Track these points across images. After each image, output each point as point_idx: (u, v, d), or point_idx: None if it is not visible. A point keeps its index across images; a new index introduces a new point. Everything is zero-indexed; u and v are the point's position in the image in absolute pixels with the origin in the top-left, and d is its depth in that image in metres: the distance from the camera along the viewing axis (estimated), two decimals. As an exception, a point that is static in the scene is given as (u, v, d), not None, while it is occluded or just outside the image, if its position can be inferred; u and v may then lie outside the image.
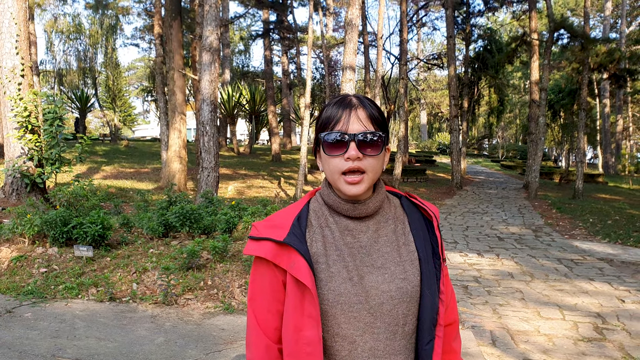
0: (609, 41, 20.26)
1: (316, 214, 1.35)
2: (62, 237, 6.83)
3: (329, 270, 1.27)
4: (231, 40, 40.35)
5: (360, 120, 1.27)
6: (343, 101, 1.31)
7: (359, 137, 1.26)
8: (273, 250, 1.27)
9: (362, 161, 1.26)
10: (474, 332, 4.95)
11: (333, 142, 1.27)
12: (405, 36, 20.00)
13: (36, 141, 9.36)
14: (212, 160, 10.60)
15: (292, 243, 1.26)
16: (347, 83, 11.97)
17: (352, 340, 1.26)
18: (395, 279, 1.28)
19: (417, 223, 1.38)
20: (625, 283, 6.86)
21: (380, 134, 1.29)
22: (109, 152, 24.02)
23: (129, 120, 47.59)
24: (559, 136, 30.19)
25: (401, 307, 1.27)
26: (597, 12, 41.56)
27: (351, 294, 1.25)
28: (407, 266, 1.31)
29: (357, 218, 1.33)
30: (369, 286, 1.26)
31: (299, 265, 1.24)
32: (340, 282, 1.25)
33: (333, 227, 1.32)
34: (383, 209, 1.37)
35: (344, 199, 1.32)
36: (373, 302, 1.25)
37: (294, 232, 1.28)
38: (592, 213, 13.47)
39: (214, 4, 10.48)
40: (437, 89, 48.40)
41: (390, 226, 1.36)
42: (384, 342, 1.27)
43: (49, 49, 37.52)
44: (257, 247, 1.29)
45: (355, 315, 1.25)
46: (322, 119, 1.32)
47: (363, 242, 1.31)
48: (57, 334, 4.63)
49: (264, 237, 1.29)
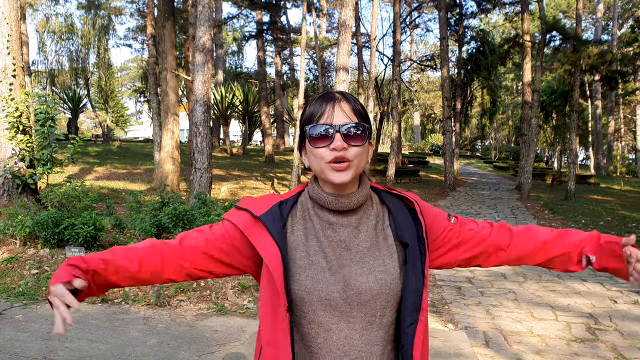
0: (601, 43, 20.34)
1: (302, 206, 1.39)
2: (54, 239, 6.78)
3: (308, 259, 1.30)
4: (224, 41, 40.29)
5: (344, 112, 1.30)
6: (326, 96, 1.34)
7: (344, 128, 1.28)
8: (247, 222, 1.34)
9: (347, 151, 1.28)
10: (468, 333, 4.95)
11: (318, 134, 1.30)
12: (398, 37, 20.05)
13: (28, 142, 9.29)
14: (205, 161, 10.57)
15: (264, 220, 1.31)
16: (340, 84, 11.97)
17: (328, 328, 1.28)
18: (374, 271, 1.30)
19: (398, 213, 1.39)
20: (618, 284, 6.90)
21: (364, 125, 1.32)
22: (101, 153, 23.91)
23: (121, 121, 47.39)
24: (551, 137, 30.34)
25: (380, 298, 1.29)
26: (589, 14, 41.83)
27: (329, 282, 1.27)
28: (387, 260, 1.33)
29: (339, 212, 1.35)
30: (348, 276, 1.28)
31: (265, 243, 1.30)
32: (319, 270, 1.28)
33: (315, 219, 1.36)
34: (366, 205, 1.39)
35: (328, 192, 1.35)
36: (351, 292, 1.27)
37: (272, 213, 1.34)
38: (584, 214, 13.54)
39: (207, 4, 10.46)
40: (430, 90, 48.55)
41: (372, 222, 1.38)
42: (360, 332, 1.28)
43: (41, 49, 37.36)
44: (235, 215, 1.37)
45: (332, 304, 1.27)
46: (307, 114, 1.35)
47: (343, 236, 1.34)
48: (49, 336, 4.59)
49: (244, 208, 1.36)
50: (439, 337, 4.76)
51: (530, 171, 18.37)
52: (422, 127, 57.40)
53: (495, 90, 30.39)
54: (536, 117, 18.47)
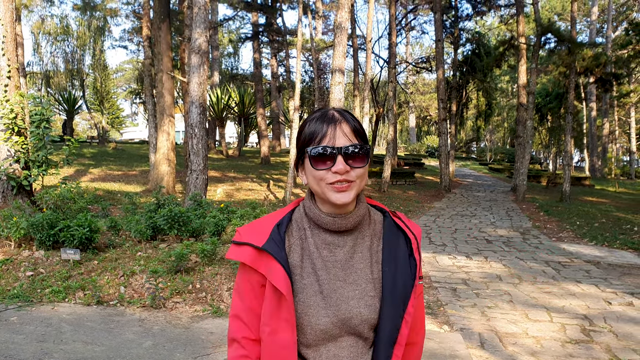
0: (596, 45, 20.44)
1: (297, 225, 1.38)
2: (49, 240, 6.77)
3: (302, 282, 1.31)
4: (220, 43, 40.28)
5: (345, 134, 1.30)
6: (325, 116, 1.33)
7: (346, 151, 1.28)
8: (252, 256, 1.31)
9: (349, 173, 1.29)
10: (463, 334, 4.96)
11: (320, 156, 1.29)
12: (394, 39, 20.08)
13: (23, 143, 9.27)
14: (201, 163, 10.55)
15: (270, 250, 1.30)
16: (336, 86, 11.99)
17: (316, 348, 1.30)
18: (365, 295, 1.31)
19: (392, 242, 1.38)
20: (612, 285, 6.92)
21: (366, 146, 1.32)
22: (96, 155, 23.85)
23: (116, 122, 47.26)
24: (546, 139, 30.41)
25: (368, 323, 1.31)
26: (584, 17, 42.03)
27: (320, 306, 1.28)
28: (377, 284, 1.34)
29: (336, 232, 1.35)
30: (340, 300, 1.30)
31: (275, 272, 1.28)
32: (310, 295, 1.29)
33: (310, 240, 1.35)
34: (362, 225, 1.39)
35: (326, 213, 1.34)
36: (342, 317, 1.29)
37: (274, 239, 1.32)
38: (579, 216, 13.59)
39: (203, 6, 10.45)
40: (425, 92, 48.60)
41: (367, 243, 1.38)
42: (348, 349, 1.30)
43: (36, 50, 37.26)
44: (238, 251, 1.34)
45: (322, 328, 1.28)
46: (306, 134, 1.33)
47: (339, 257, 1.34)
48: (44, 338, 4.58)
49: (244, 242, 1.33)
50: (434, 339, 4.77)
51: (526, 173, 18.43)
52: (418, 129, 57.46)
53: (491, 93, 30.43)
54: (531, 119, 18.53)
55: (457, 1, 25.97)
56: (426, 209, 15.27)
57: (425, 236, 10.67)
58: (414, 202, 16.50)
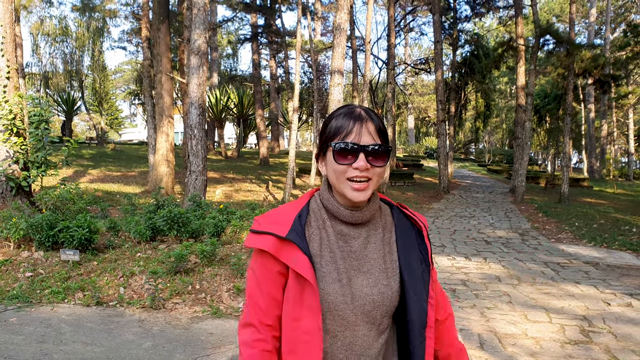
0: (594, 47, 20.49)
1: (315, 215, 1.43)
2: (48, 241, 6.76)
3: (321, 270, 1.35)
4: (219, 44, 40.28)
5: (370, 133, 1.36)
6: (353, 113, 1.38)
7: (369, 149, 1.34)
8: (275, 245, 1.34)
9: (369, 171, 1.34)
10: (462, 335, 4.97)
11: (344, 151, 1.34)
12: (392, 41, 20.10)
13: (22, 144, 9.27)
14: (200, 164, 10.56)
15: (294, 239, 1.33)
16: (335, 87, 11.99)
17: (334, 335, 1.36)
18: (379, 284, 1.38)
19: (405, 232, 1.47)
20: (611, 286, 6.93)
21: (388, 146, 1.37)
22: (95, 156, 23.83)
23: (115, 123, 47.23)
24: (545, 141, 30.42)
25: (381, 309, 1.37)
26: (582, 19, 42.08)
27: (338, 294, 1.34)
28: (390, 273, 1.40)
29: (351, 224, 1.41)
30: (355, 288, 1.35)
31: (301, 261, 1.32)
32: (329, 282, 1.34)
33: (329, 230, 1.40)
34: (375, 217, 1.46)
35: (343, 206, 1.40)
36: (357, 303, 1.35)
37: (295, 229, 1.36)
38: (577, 217, 13.60)
39: (203, 7, 10.46)
40: (424, 94, 48.64)
41: (380, 234, 1.44)
42: (362, 338, 1.37)
43: (35, 51, 37.21)
44: (259, 240, 1.37)
45: (340, 314, 1.34)
46: (332, 128, 1.39)
47: (354, 247, 1.40)
48: (43, 339, 4.58)
49: (266, 232, 1.36)
50: (434, 340, 4.77)
51: (524, 174, 18.45)
52: (417, 130, 57.52)
53: (489, 94, 30.48)
54: (530, 121, 18.56)
55: (456, 3, 26.00)
56: (425, 210, 15.28)
57: (424, 237, 10.66)
58: (412, 203, 16.51)
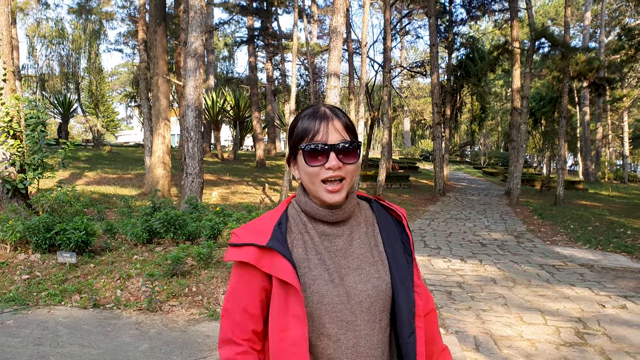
0: (589, 50, 20.57)
1: (295, 221, 1.41)
2: (45, 244, 6.77)
3: (311, 274, 1.33)
4: (215, 47, 40.28)
5: (337, 130, 1.34)
6: (318, 112, 1.37)
7: (339, 147, 1.33)
8: (256, 255, 1.32)
9: (341, 169, 1.33)
10: (458, 337, 4.99)
11: (314, 152, 1.33)
12: (389, 44, 20.15)
13: (18, 146, 9.26)
14: (197, 166, 10.57)
15: (275, 247, 1.31)
16: (331, 90, 12.03)
17: (337, 339, 1.32)
18: (371, 278, 1.36)
19: (386, 224, 1.46)
20: (606, 288, 6.98)
21: (357, 142, 1.36)
22: (91, 158, 23.80)
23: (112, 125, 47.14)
24: (540, 143, 30.56)
25: (377, 304, 1.35)
26: (577, 22, 42.29)
27: (333, 294, 1.31)
28: (379, 266, 1.39)
29: (333, 223, 1.40)
30: (349, 286, 1.34)
31: (283, 267, 1.29)
32: (322, 284, 1.32)
33: (312, 232, 1.39)
34: (355, 213, 1.45)
35: (322, 206, 1.39)
36: (353, 301, 1.33)
37: (276, 237, 1.33)
38: (572, 219, 13.66)
39: (199, 10, 10.48)
40: (420, 97, 48.77)
41: (363, 229, 1.44)
42: (365, 339, 1.34)
43: (31, 53, 37.13)
44: (239, 252, 1.34)
45: (338, 315, 1.31)
46: (299, 131, 1.37)
47: (339, 245, 1.39)
48: (40, 341, 4.58)
49: (246, 243, 1.33)
50: (429, 342, 4.79)
51: (520, 177, 18.52)
52: (413, 132, 57.66)
53: (485, 97, 30.59)
54: (525, 123, 18.63)
55: (452, 6, 26.11)
56: (421, 213, 15.32)
57: (420, 239, 10.71)
58: (408, 206, 16.54)
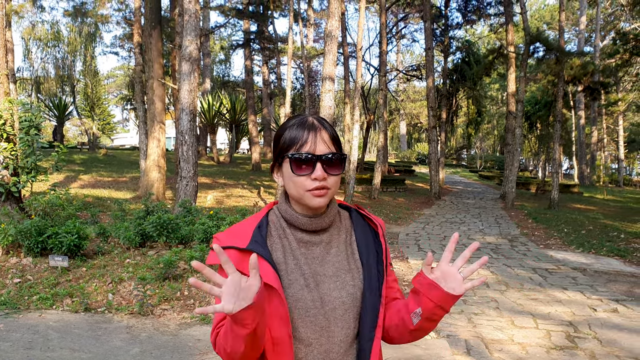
0: (583, 54, 20.68)
1: (274, 226, 1.44)
2: (37, 247, 6.75)
3: (287, 277, 1.35)
4: (212, 50, 40.29)
5: (324, 142, 1.36)
6: (306, 123, 1.38)
7: (325, 159, 1.34)
8: (237, 258, 1.33)
9: (326, 180, 1.35)
10: (449, 341, 5.00)
11: (301, 162, 1.34)
12: (384, 48, 20.20)
13: (12, 150, 9.23)
14: (191, 170, 10.56)
15: (255, 249, 1.33)
16: (326, 93, 12.04)
17: (309, 343, 1.34)
18: (346, 285, 1.38)
19: (363, 233, 1.48)
20: (598, 292, 7.00)
21: (343, 154, 1.38)
22: (87, 161, 23.75)
23: (108, 128, 47.10)
24: (536, 147, 30.66)
25: (352, 311, 1.37)
26: (573, 26, 42.43)
27: (308, 299, 1.33)
28: (355, 274, 1.41)
29: (312, 231, 1.42)
30: (324, 293, 1.36)
31: (264, 269, 1.30)
32: (298, 289, 1.34)
33: (290, 237, 1.41)
34: (335, 222, 1.47)
35: (302, 214, 1.40)
36: (327, 307, 1.34)
37: (256, 240, 1.35)
38: (567, 223, 13.70)
39: (194, 13, 10.49)
40: (416, 100, 48.84)
41: (341, 237, 1.46)
42: (339, 345, 1.35)
43: (27, 56, 37.04)
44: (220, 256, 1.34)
45: (312, 320, 1.33)
46: (286, 139, 1.38)
47: (316, 253, 1.41)
48: (30, 345, 4.57)
49: (227, 246, 1.35)
50: (420, 346, 4.80)
51: (514, 180, 18.56)
52: (409, 136, 57.70)
53: (481, 100, 30.70)
54: (520, 127, 18.69)
55: (448, 10, 26.20)
56: (416, 216, 15.34)
57: (414, 243, 10.72)
58: (403, 209, 16.56)
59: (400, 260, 8.93)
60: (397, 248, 10.06)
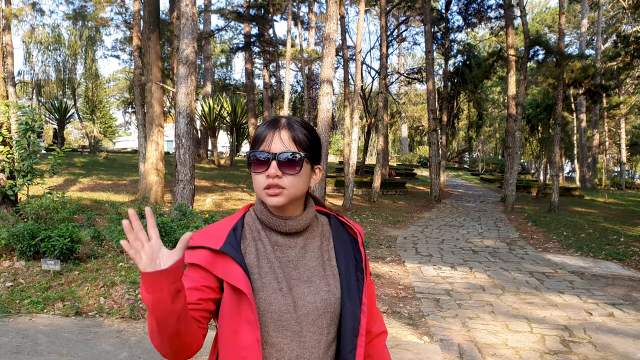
0: (584, 57, 20.63)
1: (250, 228, 1.42)
2: (30, 251, 6.73)
3: (260, 281, 1.33)
4: (212, 53, 40.33)
5: (282, 140, 1.35)
6: (272, 122, 1.39)
7: (279, 157, 1.33)
8: (209, 259, 1.32)
9: (281, 179, 1.34)
10: (442, 345, 4.95)
11: (257, 160, 1.35)
12: (384, 51, 20.19)
13: (8, 153, 9.23)
14: (188, 173, 10.54)
15: (228, 252, 1.31)
16: (324, 96, 12.03)
17: (280, 348, 1.32)
18: (320, 291, 1.36)
19: (341, 240, 1.47)
20: (594, 296, 6.94)
21: (300, 154, 1.35)
22: (87, 164, 23.76)
23: (109, 131, 47.19)
24: (537, 150, 30.56)
25: (325, 317, 1.35)
26: (574, 29, 42.40)
27: (280, 303, 1.31)
28: (330, 280, 1.40)
29: (287, 234, 1.41)
30: (297, 297, 1.34)
31: (235, 273, 1.29)
32: (270, 292, 1.32)
33: (265, 240, 1.39)
34: (311, 227, 1.46)
35: (276, 216, 1.40)
36: (300, 312, 1.33)
37: (230, 242, 1.34)
38: (566, 226, 13.63)
39: (191, 17, 10.48)
40: (417, 103, 48.85)
41: (317, 243, 1.44)
42: (310, 351, 1.34)
43: (27, 59, 37.16)
44: (193, 255, 1.34)
45: (284, 324, 1.31)
46: (253, 137, 1.41)
47: (291, 257, 1.39)
48: (18, 350, 4.54)
49: (200, 246, 1.34)
50: (411, 350, 4.76)
51: (514, 183, 18.50)
52: (410, 139, 57.72)
53: (482, 103, 30.65)
54: (520, 130, 18.65)
55: (448, 13, 26.20)
56: (415, 219, 15.29)
57: (412, 246, 10.67)
58: (403, 212, 16.51)
59: (397, 263, 8.88)
60: (394, 251, 10.01)
